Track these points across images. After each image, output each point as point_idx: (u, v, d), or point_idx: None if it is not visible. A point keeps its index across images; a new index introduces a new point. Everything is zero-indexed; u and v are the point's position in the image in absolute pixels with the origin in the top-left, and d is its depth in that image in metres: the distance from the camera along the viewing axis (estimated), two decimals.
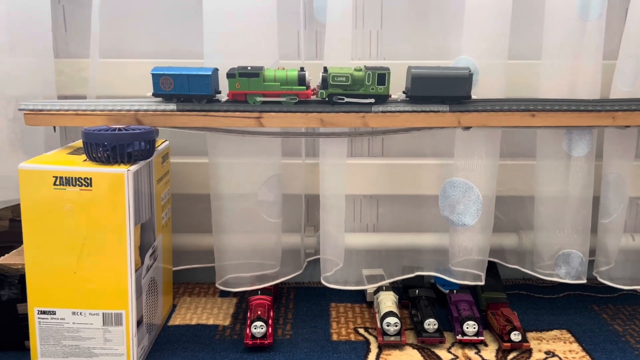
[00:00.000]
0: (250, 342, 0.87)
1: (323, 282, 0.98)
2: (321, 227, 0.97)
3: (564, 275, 0.97)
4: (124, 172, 0.74)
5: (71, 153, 0.82)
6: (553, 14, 0.89)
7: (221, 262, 0.98)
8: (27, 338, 0.85)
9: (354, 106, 0.84)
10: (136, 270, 0.79)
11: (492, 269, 1.03)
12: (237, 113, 0.84)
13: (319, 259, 1.10)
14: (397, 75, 0.87)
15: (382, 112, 0.84)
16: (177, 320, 0.97)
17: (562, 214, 0.95)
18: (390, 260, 1.06)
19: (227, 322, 0.97)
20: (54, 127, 0.93)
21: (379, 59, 1.03)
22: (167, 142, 0.93)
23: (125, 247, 0.76)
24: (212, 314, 1.00)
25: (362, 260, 1.06)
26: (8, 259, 0.86)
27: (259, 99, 0.84)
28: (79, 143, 0.89)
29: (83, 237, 0.75)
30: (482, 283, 0.97)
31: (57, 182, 0.74)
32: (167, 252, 0.96)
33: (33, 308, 0.78)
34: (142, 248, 0.81)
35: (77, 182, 0.74)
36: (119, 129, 0.77)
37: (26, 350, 0.86)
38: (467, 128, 0.87)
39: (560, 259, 0.97)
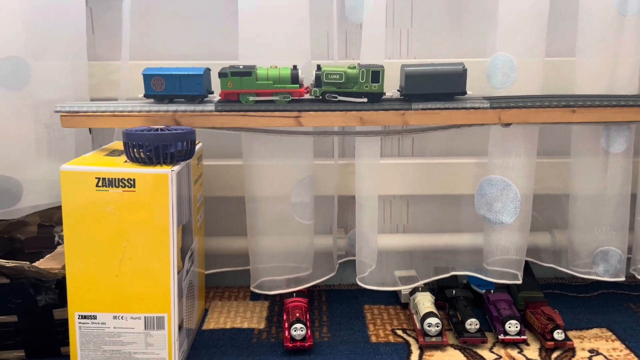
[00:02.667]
0: (290, 345, 0.86)
1: (359, 283, 0.97)
2: (357, 229, 0.96)
3: (602, 273, 0.96)
4: (168, 173, 0.73)
5: (108, 155, 0.81)
6: (590, 10, 0.88)
7: (255, 265, 0.97)
8: (63, 344, 0.84)
9: (393, 104, 0.84)
10: (177, 273, 0.77)
11: (525, 267, 1.02)
12: (276, 113, 0.83)
13: (347, 261, 1.09)
14: None
15: (422, 109, 0.83)
16: (211, 324, 0.96)
17: (600, 211, 0.94)
18: (422, 260, 1.05)
19: (262, 326, 0.95)
20: (89, 129, 0.92)
21: (409, 57, 1.02)
22: (201, 144, 0.92)
23: (168, 249, 0.75)
24: (246, 317, 0.98)
25: (393, 262, 1.05)
26: (43, 264, 0.84)
27: (251, 98, 0.83)
28: (114, 145, 0.88)
29: (125, 239, 0.74)
30: (520, 282, 0.96)
31: (100, 184, 0.73)
32: (201, 255, 0.95)
33: (73, 313, 0.77)
34: (182, 251, 0.80)
35: (120, 183, 0.73)
36: (161, 129, 0.76)
37: (62, 356, 0.84)
38: (507, 125, 0.86)
39: (598, 257, 0.96)
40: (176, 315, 0.77)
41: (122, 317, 0.77)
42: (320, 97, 0.84)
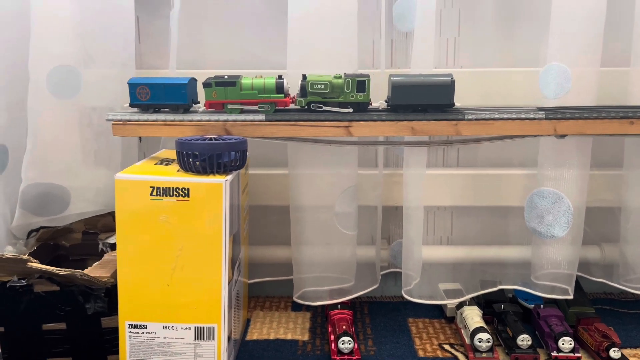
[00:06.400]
0: (337, 358, 0.85)
1: (405, 296, 0.96)
2: (404, 240, 0.95)
3: None
4: (222, 182, 0.72)
5: (159, 163, 0.81)
6: None
7: (299, 274, 0.96)
8: (111, 352, 0.84)
9: (446, 114, 0.82)
10: (228, 283, 0.77)
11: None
12: (326, 122, 0.82)
13: (388, 272, 1.07)
14: (484, 82, 0.86)
15: (475, 119, 0.82)
16: (254, 335, 0.95)
17: None
18: (469, 273, 1.03)
19: (306, 337, 0.94)
20: (140, 138, 0.92)
21: (456, 67, 1.01)
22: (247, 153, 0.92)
23: (220, 258, 0.74)
24: (289, 328, 0.97)
25: (436, 274, 1.03)
26: (92, 272, 0.84)
27: (236, 107, 0.82)
28: (163, 153, 0.88)
29: (178, 249, 0.74)
30: (571, 297, 0.93)
31: (154, 193, 0.72)
32: (246, 265, 0.95)
33: (124, 322, 0.76)
34: (232, 261, 0.79)
35: (175, 193, 0.72)
36: (215, 139, 0.76)
37: None
38: (562, 136, 0.84)
39: None
40: (226, 325, 0.76)
41: (172, 327, 0.76)
42: (306, 107, 0.83)
